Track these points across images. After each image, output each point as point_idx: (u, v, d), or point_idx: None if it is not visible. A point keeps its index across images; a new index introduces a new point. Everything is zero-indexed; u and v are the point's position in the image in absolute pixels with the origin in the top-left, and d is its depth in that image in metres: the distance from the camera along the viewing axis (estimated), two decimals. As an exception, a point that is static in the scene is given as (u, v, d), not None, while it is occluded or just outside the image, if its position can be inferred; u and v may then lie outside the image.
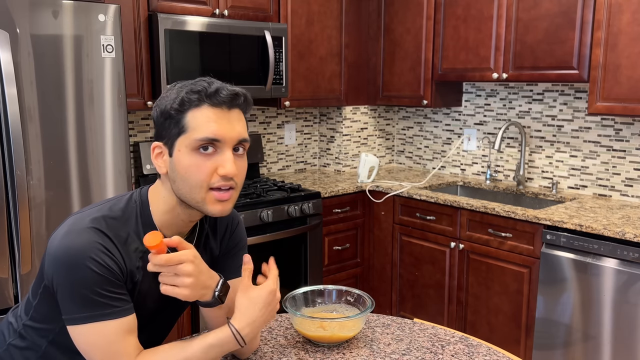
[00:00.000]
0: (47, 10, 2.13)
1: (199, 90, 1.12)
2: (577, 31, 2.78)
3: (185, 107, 1.12)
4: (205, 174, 1.12)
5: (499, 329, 2.93)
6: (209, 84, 1.13)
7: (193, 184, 1.12)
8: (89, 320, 1.09)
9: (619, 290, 2.44)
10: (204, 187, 1.13)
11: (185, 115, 1.12)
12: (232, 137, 1.13)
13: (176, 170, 1.14)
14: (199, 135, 1.10)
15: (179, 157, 1.13)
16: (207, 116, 1.11)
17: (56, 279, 1.10)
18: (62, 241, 1.10)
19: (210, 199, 1.14)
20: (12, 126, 2.05)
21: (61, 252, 1.09)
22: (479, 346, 1.45)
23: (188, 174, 1.12)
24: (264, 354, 1.38)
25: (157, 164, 1.17)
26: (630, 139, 2.98)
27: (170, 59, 2.76)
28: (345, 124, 3.85)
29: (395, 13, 3.61)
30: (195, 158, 1.11)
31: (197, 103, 1.11)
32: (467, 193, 3.59)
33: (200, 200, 1.14)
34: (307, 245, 3.15)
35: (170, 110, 1.12)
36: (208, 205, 1.14)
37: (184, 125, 1.12)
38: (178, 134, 1.12)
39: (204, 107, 1.12)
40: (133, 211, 1.19)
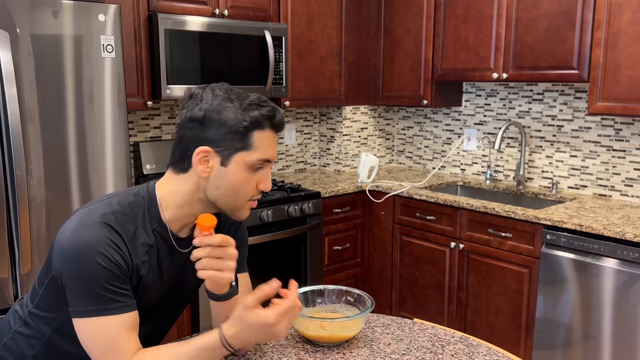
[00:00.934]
0: (47, 10, 2.13)
1: (270, 116, 1.20)
2: (577, 31, 2.78)
3: (254, 127, 1.18)
4: (252, 187, 1.22)
5: (499, 329, 2.93)
6: (275, 111, 1.21)
7: (240, 195, 1.22)
8: (94, 314, 1.12)
9: (619, 290, 2.44)
10: (247, 198, 1.23)
11: (253, 134, 1.18)
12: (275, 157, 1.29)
13: (227, 180, 1.20)
14: (262, 156, 1.20)
15: (234, 170, 1.19)
16: (270, 139, 1.21)
17: (65, 271, 1.13)
18: (72, 235, 1.13)
19: (247, 208, 1.25)
20: (12, 126, 2.05)
21: (71, 246, 1.12)
22: (479, 346, 1.45)
23: (240, 186, 1.20)
24: (264, 354, 1.38)
25: (200, 168, 1.19)
26: (630, 139, 2.98)
27: (170, 59, 2.76)
28: (345, 124, 3.85)
29: (395, 13, 3.61)
30: (248, 174, 1.21)
31: (265, 126, 1.20)
32: (467, 193, 3.59)
33: (239, 207, 1.24)
34: (307, 245, 3.15)
35: (239, 126, 1.17)
36: (243, 211, 1.25)
37: (250, 143, 1.18)
38: (240, 148, 1.18)
39: (268, 130, 1.20)
40: (140, 206, 1.22)
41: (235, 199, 1.22)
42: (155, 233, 1.22)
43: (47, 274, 1.21)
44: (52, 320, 1.24)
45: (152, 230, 1.22)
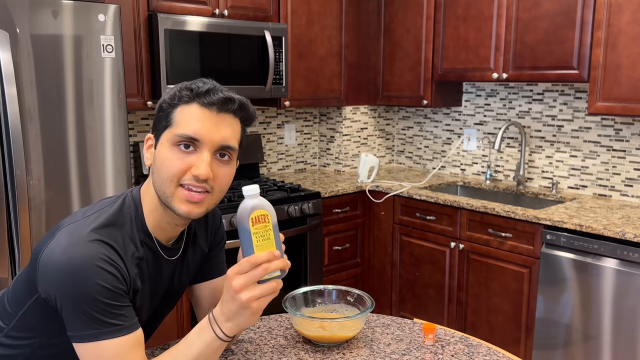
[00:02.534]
0: (47, 10, 2.13)
1: (192, 88, 1.11)
2: (577, 31, 2.78)
3: (175, 102, 1.12)
4: (177, 168, 1.10)
5: (499, 329, 2.93)
6: (204, 84, 1.12)
7: (164, 177, 1.11)
8: (98, 338, 1.05)
9: (619, 290, 2.44)
10: (174, 182, 1.10)
11: (175, 110, 1.12)
12: (214, 140, 1.10)
13: (157, 162, 1.13)
14: (180, 131, 1.10)
15: (160, 150, 1.13)
16: (193, 114, 1.10)
17: (61, 295, 1.04)
18: (64, 255, 1.04)
19: (179, 196, 1.11)
20: (12, 126, 2.05)
21: (66, 268, 1.03)
22: (479, 346, 1.45)
23: (162, 166, 1.11)
24: (264, 354, 1.38)
25: (146, 156, 1.17)
26: (630, 139, 2.98)
27: (170, 59, 2.76)
28: (345, 124, 3.85)
29: (395, 13, 3.61)
30: (173, 153, 1.10)
31: (187, 100, 1.11)
32: (467, 193, 3.59)
33: (169, 194, 1.11)
34: (307, 245, 3.15)
35: (163, 103, 1.13)
36: (176, 202, 1.11)
37: (171, 119, 1.11)
38: (165, 127, 1.12)
39: (193, 105, 1.11)
40: (127, 215, 1.16)
41: (162, 182, 1.11)
42: (143, 244, 1.17)
43: (30, 295, 1.13)
44: (32, 340, 1.17)
45: (139, 242, 1.16)
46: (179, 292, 1.35)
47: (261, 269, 1.04)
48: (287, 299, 1.48)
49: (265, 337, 1.47)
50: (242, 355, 1.37)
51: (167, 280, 1.26)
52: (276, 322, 1.57)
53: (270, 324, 1.56)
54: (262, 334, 1.49)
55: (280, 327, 1.54)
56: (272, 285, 1.07)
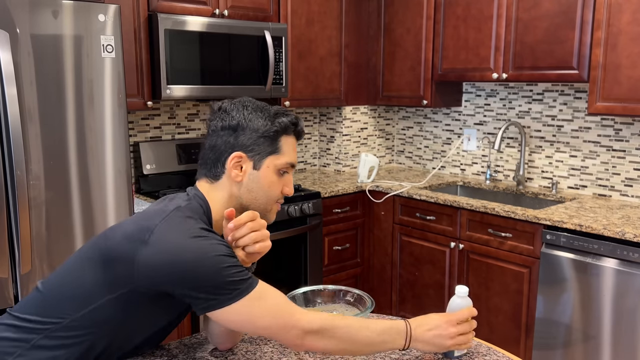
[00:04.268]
0: (47, 10, 2.13)
1: (295, 123, 1.32)
2: (577, 31, 2.78)
3: (282, 132, 1.30)
4: (279, 190, 1.33)
5: (499, 329, 2.93)
6: (298, 119, 1.34)
7: (271, 197, 1.32)
8: (243, 294, 1.15)
9: (619, 290, 2.44)
10: (275, 201, 1.33)
11: (280, 139, 1.30)
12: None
13: (259, 182, 1.29)
14: (288, 160, 1.31)
15: (265, 173, 1.30)
16: (293, 146, 1.33)
17: (184, 278, 1.12)
18: (169, 237, 1.13)
19: (275, 210, 1.36)
20: (12, 126, 2.05)
21: (180, 247, 1.12)
22: (479, 346, 1.45)
23: (270, 189, 1.31)
24: (264, 354, 1.38)
25: (234, 173, 1.28)
26: (630, 139, 2.98)
27: (170, 59, 2.76)
28: (345, 124, 3.85)
29: (395, 13, 3.61)
30: (276, 177, 1.31)
31: (290, 132, 1.32)
32: (467, 193, 3.59)
33: (269, 209, 1.33)
34: (307, 245, 3.15)
35: (270, 131, 1.28)
36: (272, 214, 1.35)
37: (278, 147, 1.30)
38: (270, 152, 1.29)
39: (291, 137, 1.33)
40: (200, 207, 1.26)
41: (266, 201, 1.31)
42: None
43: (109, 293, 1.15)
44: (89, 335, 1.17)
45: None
46: None
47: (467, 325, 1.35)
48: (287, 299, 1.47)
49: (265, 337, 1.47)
50: (242, 355, 1.37)
51: None
52: (276, 322, 1.57)
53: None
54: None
55: (280, 327, 1.53)
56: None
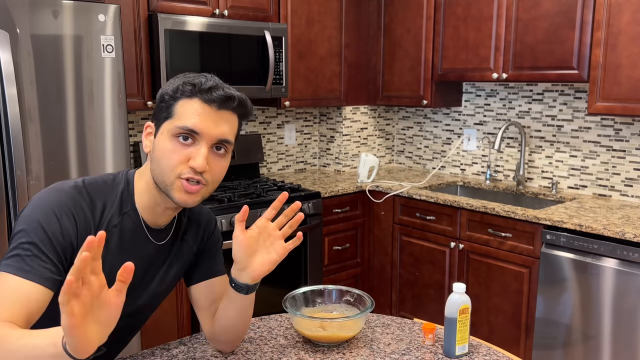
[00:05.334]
0: (47, 10, 2.13)
1: (195, 83, 1.16)
2: (577, 31, 2.78)
3: (177, 95, 1.17)
4: (176, 160, 1.15)
5: (499, 329, 2.93)
6: (207, 80, 1.17)
7: (164, 167, 1.16)
8: (7, 270, 1.06)
9: (619, 290, 2.44)
10: (174, 173, 1.16)
11: (176, 103, 1.17)
12: (213, 134, 1.16)
13: (155, 151, 1.18)
14: (180, 123, 1.15)
15: (160, 140, 1.18)
16: (194, 108, 1.15)
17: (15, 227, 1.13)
18: (37, 195, 1.16)
19: (178, 186, 1.17)
20: (12, 126, 2.05)
21: (30, 204, 1.14)
22: (479, 346, 1.45)
23: (163, 157, 1.16)
24: (264, 354, 1.38)
25: (144, 143, 1.22)
26: (630, 139, 2.98)
27: (170, 59, 2.76)
28: (345, 124, 3.85)
29: (395, 13, 3.61)
30: (173, 144, 1.16)
31: (189, 94, 1.16)
32: (467, 193, 3.59)
33: (168, 184, 1.17)
34: (307, 245, 3.15)
35: (165, 95, 1.18)
36: (174, 191, 1.17)
37: (172, 111, 1.17)
38: (165, 117, 1.17)
39: (195, 100, 1.16)
40: (117, 187, 1.23)
41: (162, 172, 1.17)
42: (125, 216, 1.22)
43: None
44: None
45: (122, 212, 1.21)
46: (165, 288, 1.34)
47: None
48: (287, 299, 1.48)
49: (265, 337, 1.48)
50: (242, 355, 1.38)
51: (153, 264, 1.28)
52: (276, 322, 1.57)
53: (270, 324, 1.56)
54: (262, 334, 1.49)
55: (280, 327, 1.54)
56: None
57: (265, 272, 1.25)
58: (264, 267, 1.25)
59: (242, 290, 1.27)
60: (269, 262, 1.25)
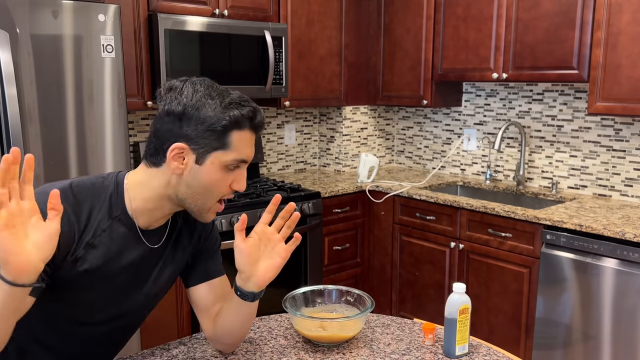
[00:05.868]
0: (47, 10, 2.13)
1: (250, 116, 1.17)
2: (577, 31, 2.78)
3: (233, 127, 1.15)
4: (224, 187, 1.19)
5: (499, 329, 2.93)
6: (255, 111, 1.18)
7: (213, 195, 1.18)
8: None
9: (619, 290, 2.44)
10: (217, 199, 1.20)
11: (231, 134, 1.15)
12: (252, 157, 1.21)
13: (200, 179, 1.16)
14: (238, 157, 1.17)
15: (209, 169, 1.16)
16: (247, 140, 1.18)
17: None
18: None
19: (214, 210, 1.21)
20: (12, 126, 2.05)
21: None
22: (479, 346, 1.45)
23: (213, 186, 1.17)
24: (264, 354, 1.38)
25: (174, 164, 1.16)
26: (630, 139, 2.98)
27: (170, 59, 2.76)
28: (345, 124, 3.85)
29: (395, 13, 3.61)
30: (223, 174, 1.17)
31: (245, 127, 1.17)
32: (467, 193, 3.59)
33: (208, 208, 1.20)
34: (307, 245, 3.15)
35: (217, 125, 1.14)
36: (210, 213, 1.21)
37: (227, 143, 1.15)
38: (217, 148, 1.15)
39: (246, 131, 1.17)
40: (107, 189, 1.19)
41: (206, 199, 1.18)
42: (115, 220, 1.19)
43: None
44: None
45: (111, 216, 1.18)
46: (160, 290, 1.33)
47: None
48: (287, 299, 1.48)
49: (265, 337, 1.48)
50: (242, 355, 1.38)
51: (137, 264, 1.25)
52: (276, 322, 1.57)
53: (270, 324, 1.56)
54: (262, 334, 1.49)
55: (280, 327, 1.54)
56: None
57: (270, 278, 1.25)
58: (269, 274, 1.24)
59: (248, 298, 1.26)
60: (272, 267, 1.24)
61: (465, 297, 1.38)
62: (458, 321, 1.37)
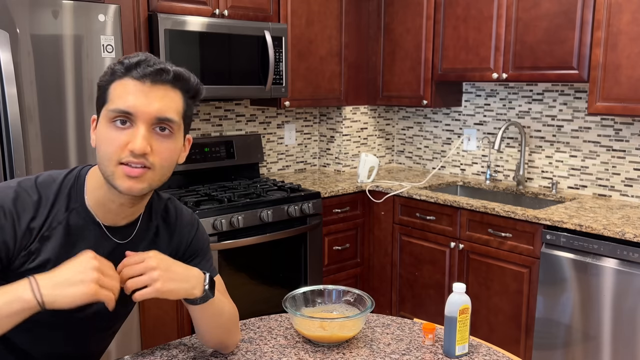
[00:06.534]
0: (47, 10, 2.13)
1: (124, 62, 1.09)
2: (577, 31, 2.78)
3: (110, 78, 1.10)
4: (115, 146, 1.08)
5: (499, 329, 2.93)
6: (136, 56, 1.10)
7: (103, 156, 1.09)
8: None
9: (619, 290, 2.44)
10: (113, 160, 1.08)
11: (110, 87, 1.10)
12: (148, 112, 1.08)
13: (98, 143, 1.11)
14: (113, 106, 1.08)
15: (99, 129, 1.11)
16: (126, 88, 1.08)
17: None
18: None
19: (120, 174, 1.09)
20: (12, 126, 2.05)
21: None
22: (479, 346, 1.45)
23: (102, 145, 1.10)
24: (264, 354, 1.38)
25: (92, 137, 1.14)
26: (630, 139, 2.98)
27: (170, 59, 2.76)
28: (345, 124, 3.85)
29: (395, 13, 3.61)
30: (110, 131, 1.08)
31: (120, 75, 1.09)
32: (467, 193, 3.59)
33: (110, 173, 1.10)
34: (307, 245, 3.15)
35: (99, 81, 1.12)
36: (117, 179, 1.09)
37: (107, 96, 1.10)
38: (102, 105, 1.11)
39: (126, 79, 1.08)
40: (68, 183, 1.17)
41: (102, 161, 1.10)
42: (72, 212, 1.16)
43: None
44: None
45: (68, 208, 1.16)
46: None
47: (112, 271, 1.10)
48: (287, 299, 1.48)
49: (265, 337, 1.48)
50: (242, 355, 1.38)
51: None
52: (276, 322, 1.57)
53: (270, 324, 1.56)
54: (262, 334, 1.49)
55: (280, 327, 1.54)
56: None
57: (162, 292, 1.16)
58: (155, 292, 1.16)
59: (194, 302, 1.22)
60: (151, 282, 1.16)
61: (465, 297, 1.38)
62: (458, 321, 1.37)
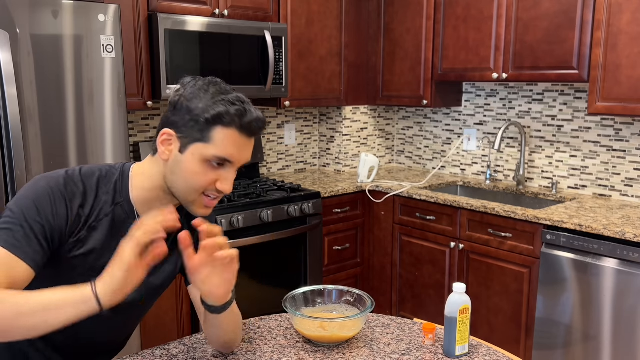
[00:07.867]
0: (47, 10, 2.13)
1: (237, 115, 1.15)
2: (577, 31, 2.78)
3: (217, 122, 1.15)
4: (205, 182, 1.17)
5: (499, 329, 2.93)
6: (246, 112, 1.16)
7: (192, 187, 1.18)
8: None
9: (619, 290, 2.44)
10: (199, 192, 1.19)
11: (214, 129, 1.15)
12: (242, 161, 1.20)
13: (181, 168, 1.18)
14: (218, 153, 1.15)
15: (189, 160, 1.17)
16: (232, 140, 1.16)
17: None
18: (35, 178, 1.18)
19: (200, 203, 1.20)
20: (12, 126, 2.05)
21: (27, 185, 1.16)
22: (479, 346, 1.45)
23: (192, 178, 1.17)
24: (264, 354, 1.38)
25: (161, 149, 1.19)
26: (630, 139, 2.98)
27: (170, 59, 2.76)
28: (345, 124, 3.85)
29: (395, 13, 3.61)
30: (204, 168, 1.17)
31: (228, 124, 1.15)
32: (467, 193, 3.59)
33: (191, 200, 1.20)
34: (307, 245, 3.15)
35: (201, 117, 1.15)
36: (196, 207, 1.21)
37: (209, 137, 1.15)
38: (198, 140, 1.16)
39: (233, 129, 1.16)
40: (112, 177, 1.23)
41: (187, 190, 1.19)
42: (117, 206, 1.22)
43: None
44: None
45: (114, 202, 1.21)
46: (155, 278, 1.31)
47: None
48: (287, 299, 1.48)
49: (265, 337, 1.48)
50: (242, 355, 1.38)
51: None
52: (276, 322, 1.57)
53: (270, 324, 1.56)
54: (262, 334, 1.49)
55: (280, 327, 1.54)
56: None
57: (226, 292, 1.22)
58: (221, 289, 1.21)
59: (215, 311, 1.25)
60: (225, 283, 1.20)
61: (465, 297, 1.38)
62: (458, 321, 1.37)
